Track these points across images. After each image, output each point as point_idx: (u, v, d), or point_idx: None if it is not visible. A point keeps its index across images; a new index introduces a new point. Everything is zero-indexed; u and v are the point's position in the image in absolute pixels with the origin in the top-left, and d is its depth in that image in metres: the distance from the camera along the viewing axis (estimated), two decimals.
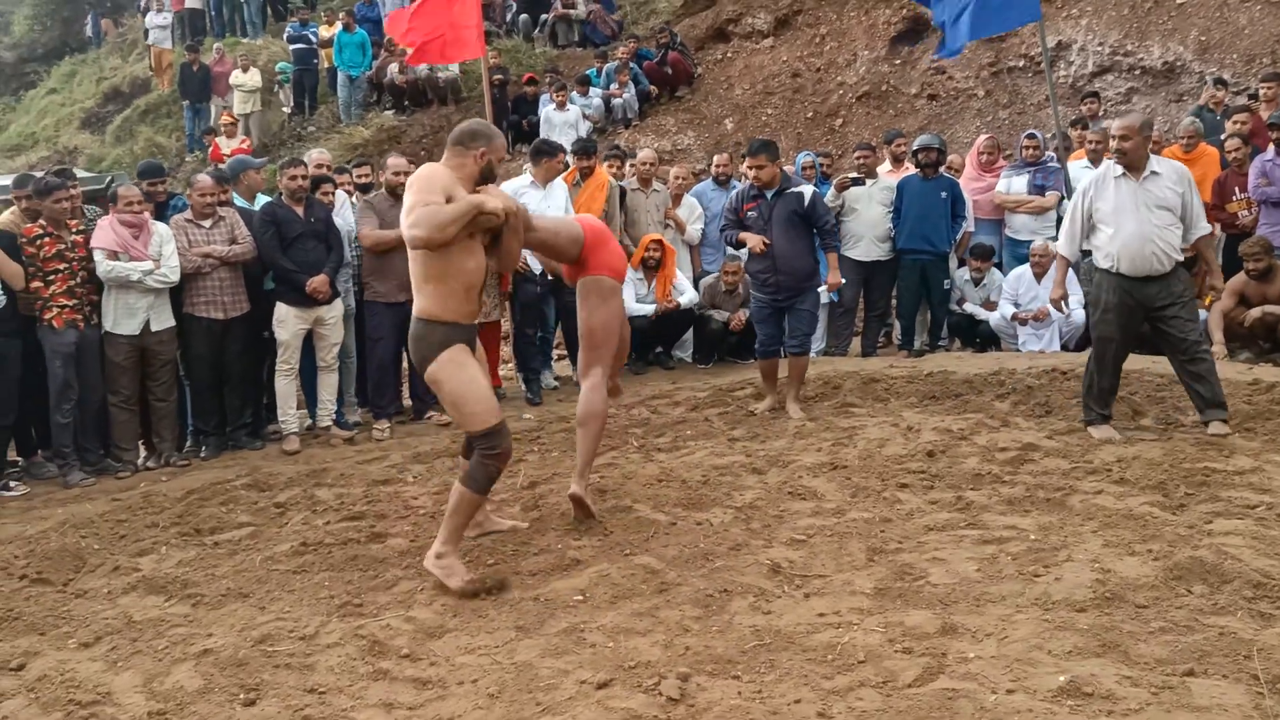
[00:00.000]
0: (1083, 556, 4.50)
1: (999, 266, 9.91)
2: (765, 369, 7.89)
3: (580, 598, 4.45)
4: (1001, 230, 10.11)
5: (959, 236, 9.78)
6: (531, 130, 15.30)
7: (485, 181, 4.85)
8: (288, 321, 7.64)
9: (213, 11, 22.24)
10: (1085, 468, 5.82)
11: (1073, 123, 11.31)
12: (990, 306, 9.60)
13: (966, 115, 14.95)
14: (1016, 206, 9.83)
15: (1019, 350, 9.30)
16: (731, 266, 9.31)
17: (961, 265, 9.90)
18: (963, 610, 4.06)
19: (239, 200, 8.15)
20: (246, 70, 18.20)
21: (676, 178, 10.03)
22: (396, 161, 8.09)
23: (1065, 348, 9.20)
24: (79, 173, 12.28)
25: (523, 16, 18.59)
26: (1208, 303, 8.25)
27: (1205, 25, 13.56)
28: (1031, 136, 9.99)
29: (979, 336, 9.77)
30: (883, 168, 10.38)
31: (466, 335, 4.81)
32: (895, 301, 9.99)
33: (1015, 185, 9.84)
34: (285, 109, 19.12)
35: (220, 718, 3.63)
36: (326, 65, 18.59)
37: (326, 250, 7.74)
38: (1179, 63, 13.57)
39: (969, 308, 9.72)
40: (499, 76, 15.33)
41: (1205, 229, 6.50)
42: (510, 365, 9.56)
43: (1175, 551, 4.44)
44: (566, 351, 9.87)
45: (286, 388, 7.79)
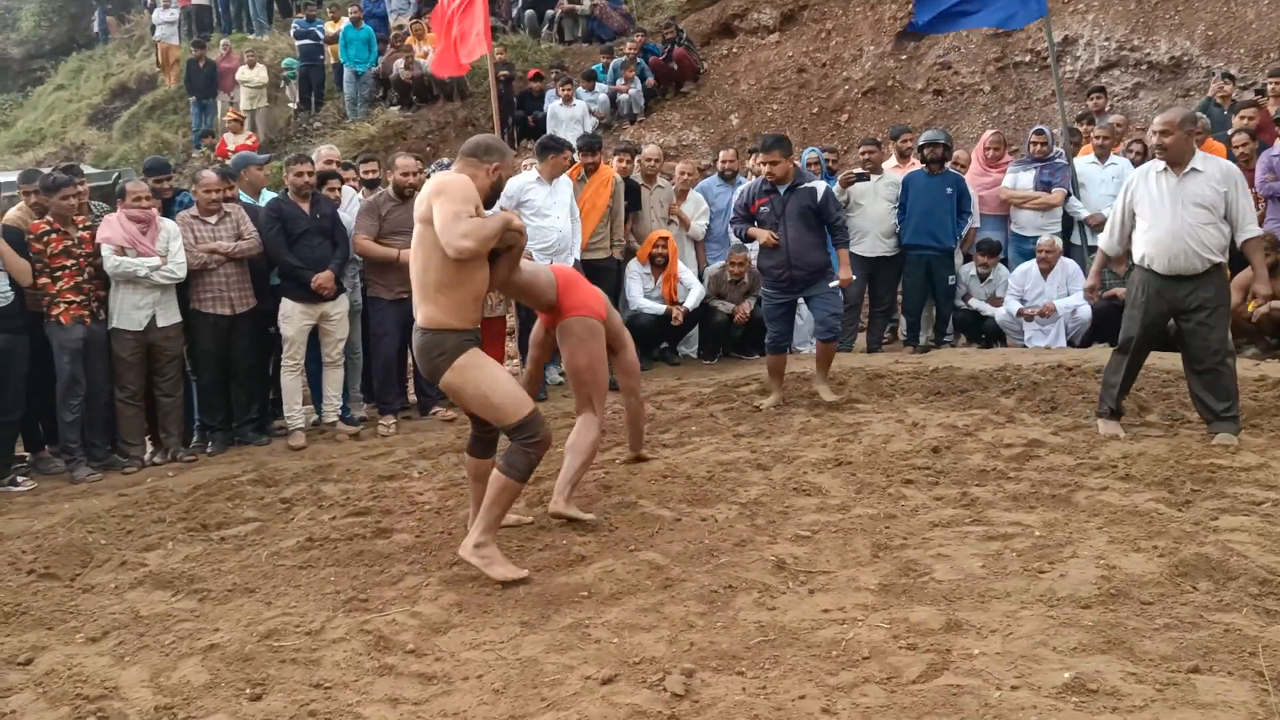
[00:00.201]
0: (1088, 553, 4.50)
1: (1004, 262, 9.89)
2: (773, 365, 7.85)
3: (585, 593, 4.45)
4: (1007, 226, 10.09)
5: (964, 232, 9.77)
6: (537, 126, 15.30)
7: (495, 196, 4.90)
8: (293, 317, 7.66)
9: (219, 7, 22.26)
10: (1091, 464, 5.81)
11: (1079, 118, 11.30)
12: (996, 302, 9.59)
13: (972, 110, 14.92)
14: (1023, 202, 9.80)
15: (1024, 346, 9.29)
16: (738, 257, 9.30)
17: (967, 261, 9.89)
18: (967, 606, 4.07)
19: (244, 196, 8.15)
20: (253, 66, 18.20)
21: (681, 173, 10.03)
22: (406, 162, 8.02)
23: (1071, 344, 9.19)
24: (86, 169, 12.35)
25: (528, 12, 18.57)
26: (1251, 308, 8.13)
27: (1212, 20, 13.54)
28: (1039, 132, 9.96)
29: (984, 332, 9.76)
30: (888, 163, 10.37)
31: (475, 339, 4.82)
32: (900, 297, 9.99)
33: (1022, 181, 9.81)
34: (291, 105, 19.13)
35: (227, 712, 3.65)
36: (332, 61, 18.60)
37: (332, 246, 7.74)
38: (1186, 57, 13.55)
39: (974, 303, 9.71)
40: (505, 72, 15.32)
41: (1254, 231, 6.21)
42: (515, 361, 9.56)
43: (1181, 548, 4.44)
44: None
45: (292, 383, 7.80)
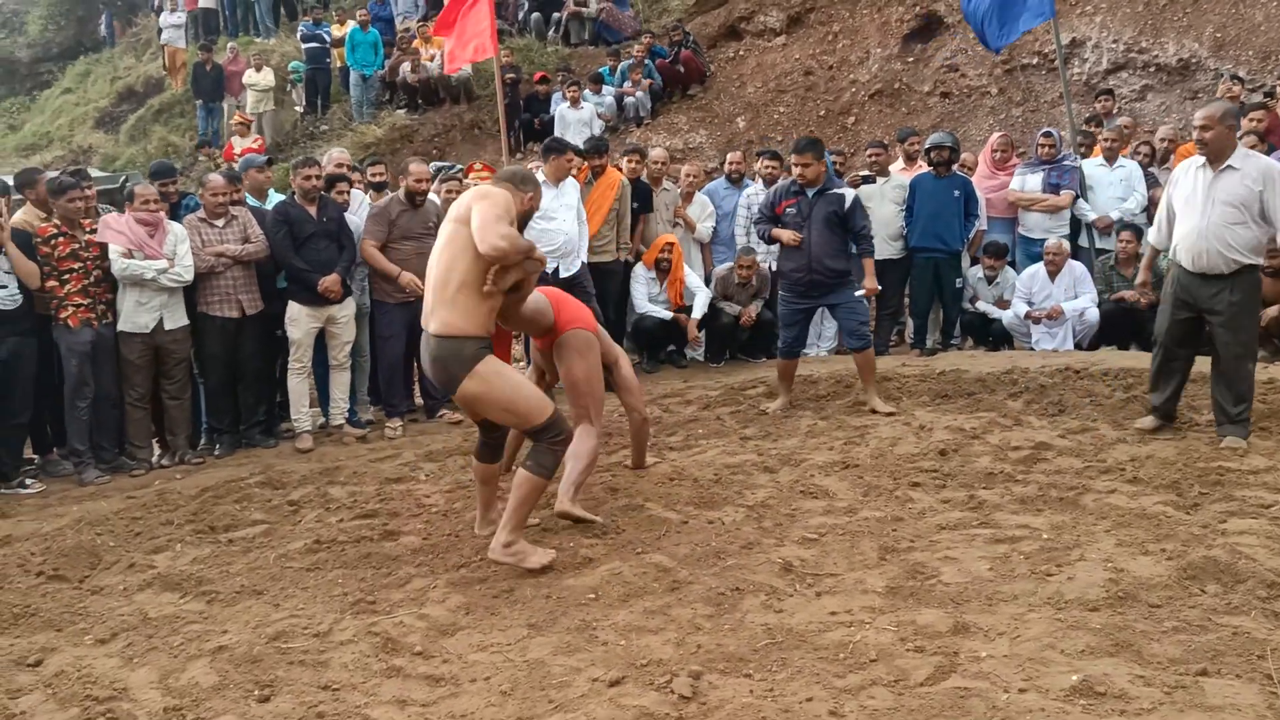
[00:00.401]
0: (1096, 556, 4.50)
1: (1012, 265, 9.88)
2: (784, 369, 7.83)
3: (592, 595, 4.46)
4: (1015, 229, 10.07)
5: (972, 235, 9.76)
6: (543, 129, 15.32)
7: (523, 225, 5.01)
8: (300, 320, 7.66)
9: (226, 11, 22.32)
10: (1098, 467, 5.81)
11: (1087, 120, 11.28)
12: (1003, 305, 9.57)
13: (980, 113, 14.92)
14: (1031, 205, 9.79)
15: (1032, 349, 9.26)
16: (745, 259, 9.26)
17: (974, 264, 9.87)
18: (975, 609, 4.06)
19: (250, 199, 8.16)
20: (259, 69, 18.23)
21: (688, 175, 10.01)
22: (420, 168, 8.03)
23: (1079, 347, 9.16)
24: (93, 172, 12.38)
25: (534, 15, 18.60)
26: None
27: (1220, 22, 13.51)
28: (1048, 135, 9.94)
29: (991, 335, 9.74)
30: (895, 166, 10.37)
31: (489, 346, 4.86)
32: (907, 300, 9.98)
33: (1030, 183, 9.78)
34: (298, 108, 19.16)
35: (236, 714, 3.65)
36: (339, 64, 18.64)
37: (339, 249, 7.74)
38: (1194, 59, 13.52)
39: (982, 306, 9.69)
40: (511, 75, 15.35)
41: None
42: (521, 364, 9.57)
43: (1189, 551, 4.44)
44: None
45: (299, 386, 7.81)
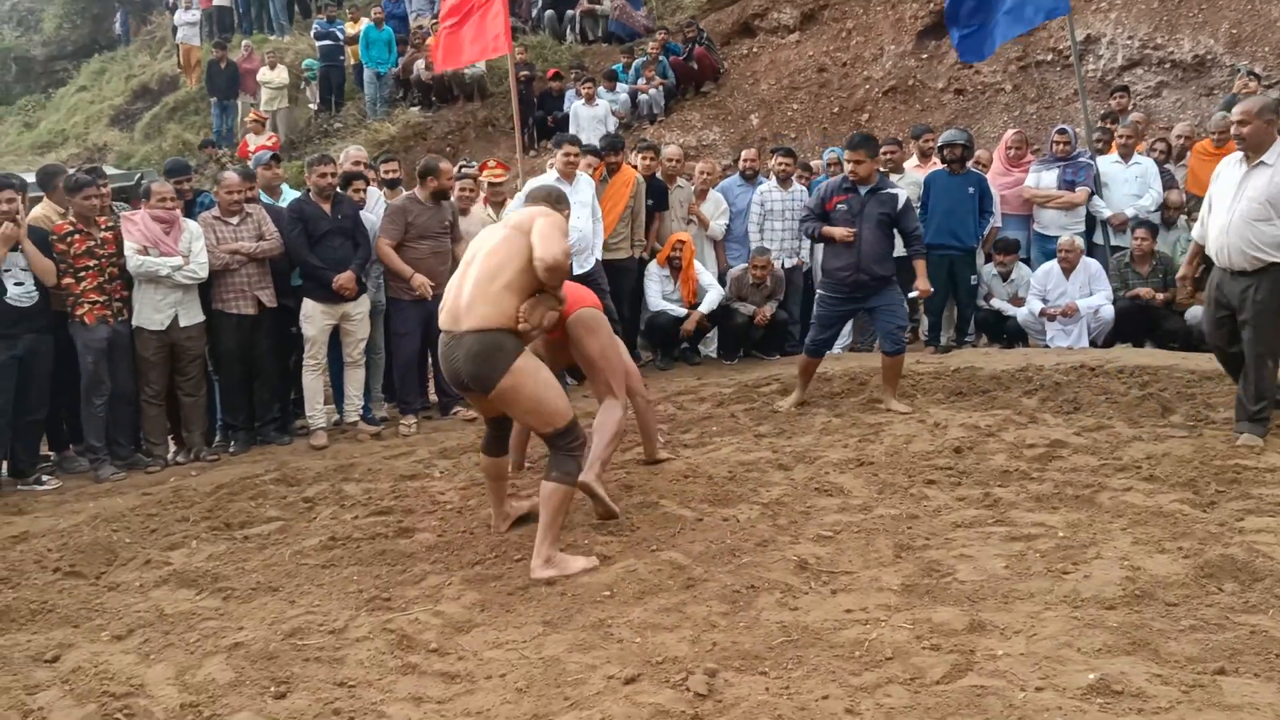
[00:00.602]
0: (1112, 554, 4.48)
1: (1026, 262, 9.85)
2: (806, 366, 7.74)
3: (607, 593, 4.45)
4: (1030, 226, 10.04)
5: (986, 232, 9.73)
6: (557, 126, 15.32)
7: None
8: (315, 317, 7.68)
9: (240, 9, 22.38)
10: (1114, 464, 5.78)
11: (1102, 116, 11.24)
12: (1018, 302, 9.55)
13: (994, 110, 14.87)
14: (1046, 201, 9.75)
15: (1047, 346, 9.24)
16: (760, 260, 9.24)
17: (989, 261, 9.84)
18: (991, 607, 4.05)
19: (263, 197, 8.18)
20: (274, 67, 18.27)
21: (701, 173, 10.01)
22: (448, 167, 8.09)
23: (1094, 344, 9.14)
24: (109, 169, 12.42)
25: (548, 12, 18.61)
26: None
27: (1236, 18, 13.45)
28: (1062, 131, 9.90)
29: (1006, 332, 9.71)
30: (910, 162, 10.34)
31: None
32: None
33: (1045, 180, 9.75)
34: (311, 106, 19.21)
35: (252, 710, 3.66)
36: (352, 62, 18.67)
37: (354, 247, 7.75)
38: (1209, 56, 13.46)
39: (996, 303, 9.66)
40: (525, 73, 15.35)
41: None
42: None
43: (1206, 549, 4.42)
44: None
45: (314, 383, 7.82)
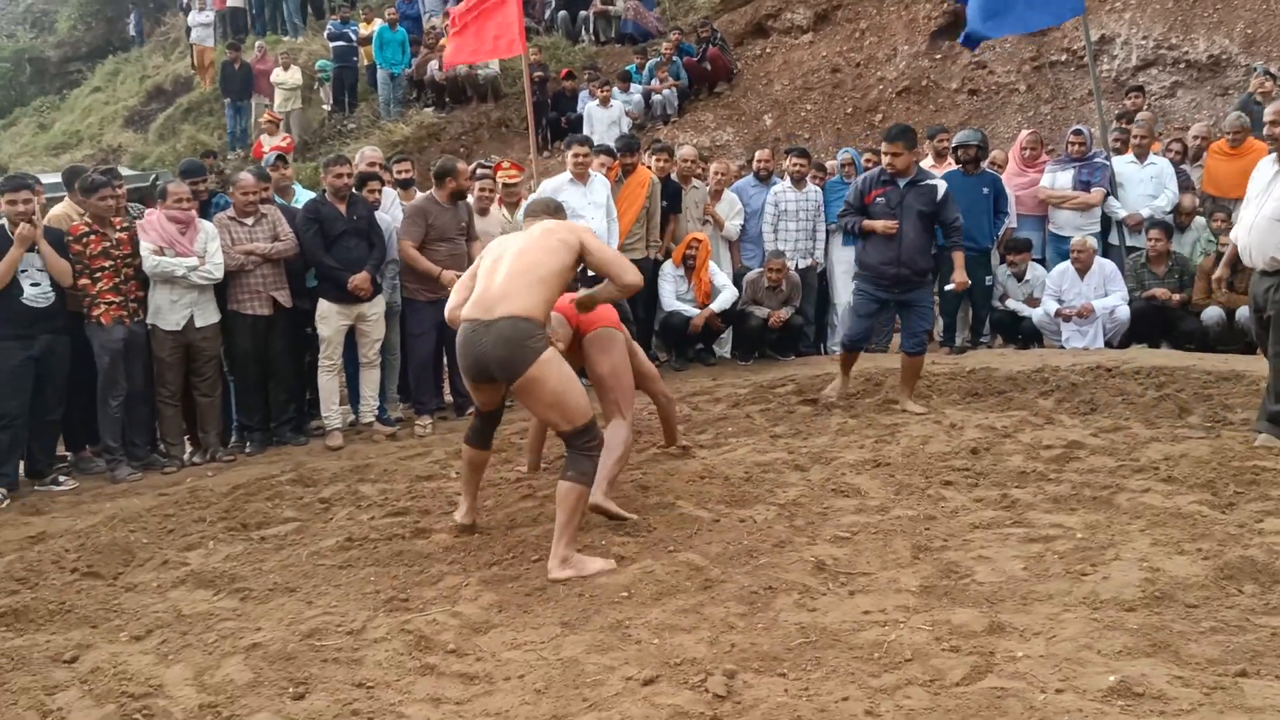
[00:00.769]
0: (1131, 555, 4.47)
1: (1042, 262, 9.82)
2: (847, 361, 7.75)
3: (625, 594, 4.45)
4: (1045, 226, 10.01)
5: (1001, 232, 9.70)
6: (571, 127, 15.32)
7: None
8: (330, 318, 7.69)
9: (254, 10, 22.43)
10: (1132, 466, 5.76)
11: (1117, 117, 11.20)
12: (1033, 303, 9.52)
13: (1008, 110, 14.84)
14: (1061, 202, 9.73)
15: (1062, 347, 9.22)
16: (775, 263, 9.23)
17: (1004, 261, 9.82)
18: (1010, 609, 4.04)
19: (276, 198, 8.18)
20: (287, 68, 18.32)
21: (716, 173, 9.99)
22: (465, 168, 8.13)
23: (1109, 345, 9.11)
24: (123, 170, 12.45)
25: (561, 13, 18.63)
26: None
27: (1251, 17, 13.41)
28: (1078, 132, 9.88)
29: (1021, 333, 9.69)
30: (925, 162, 10.30)
31: None
32: (937, 298, 9.93)
33: (1060, 180, 9.73)
34: (325, 106, 19.25)
35: (271, 711, 3.66)
36: (366, 63, 18.71)
37: (369, 248, 7.75)
38: (1224, 56, 13.43)
39: (1011, 304, 9.64)
40: (539, 74, 15.35)
41: None
42: None
43: (1225, 550, 4.40)
44: None
45: (329, 384, 7.83)
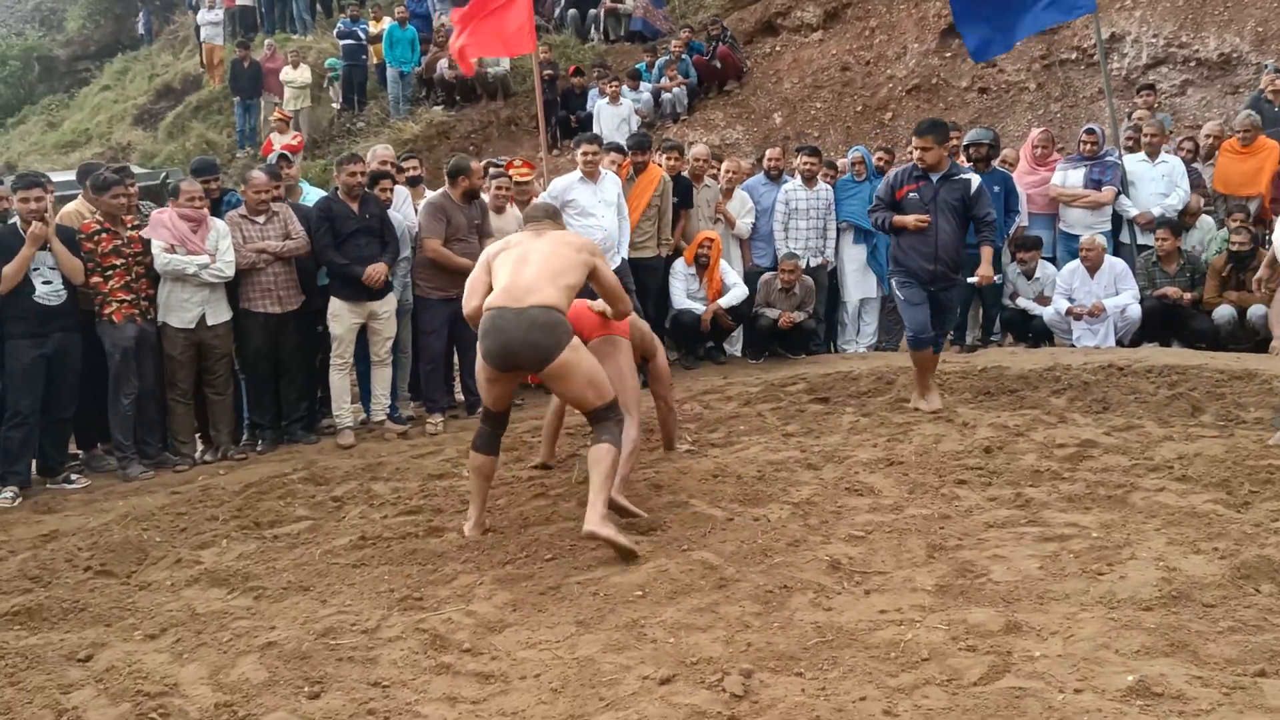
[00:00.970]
0: (1147, 554, 4.46)
1: (1052, 261, 9.80)
2: (922, 361, 7.28)
3: (639, 593, 4.45)
4: (1055, 225, 9.99)
5: (1011, 231, 9.67)
6: (580, 125, 15.31)
7: None
8: (341, 316, 7.68)
9: (263, 8, 22.40)
10: (1146, 465, 5.75)
11: (1129, 115, 11.17)
12: (1044, 301, 9.50)
13: (1018, 109, 14.81)
14: (1072, 200, 9.70)
15: (1073, 346, 9.19)
16: (789, 264, 9.20)
17: (1014, 259, 9.79)
18: (1026, 608, 4.03)
19: None
20: (297, 66, 18.31)
21: (728, 171, 9.97)
22: (478, 167, 8.07)
23: (1120, 343, 9.09)
24: (134, 169, 12.45)
25: (571, 11, 18.62)
26: None
27: (1262, 15, 13.36)
28: (1090, 131, 9.85)
29: (1032, 331, 9.67)
30: None
31: None
32: None
33: (1071, 179, 9.70)
34: (334, 105, 19.24)
35: (287, 710, 3.67)
36: (375, 61, 18.71)
37: (381, 246, 7.73)
38: (1235, 54, 13.38)
39: (1022, 303, 9.62)
40: (548, 72, 15.33)
41: None
42: None
43: (1242, 550, 4.39)
44: None
45: (341, 382, 7.83)
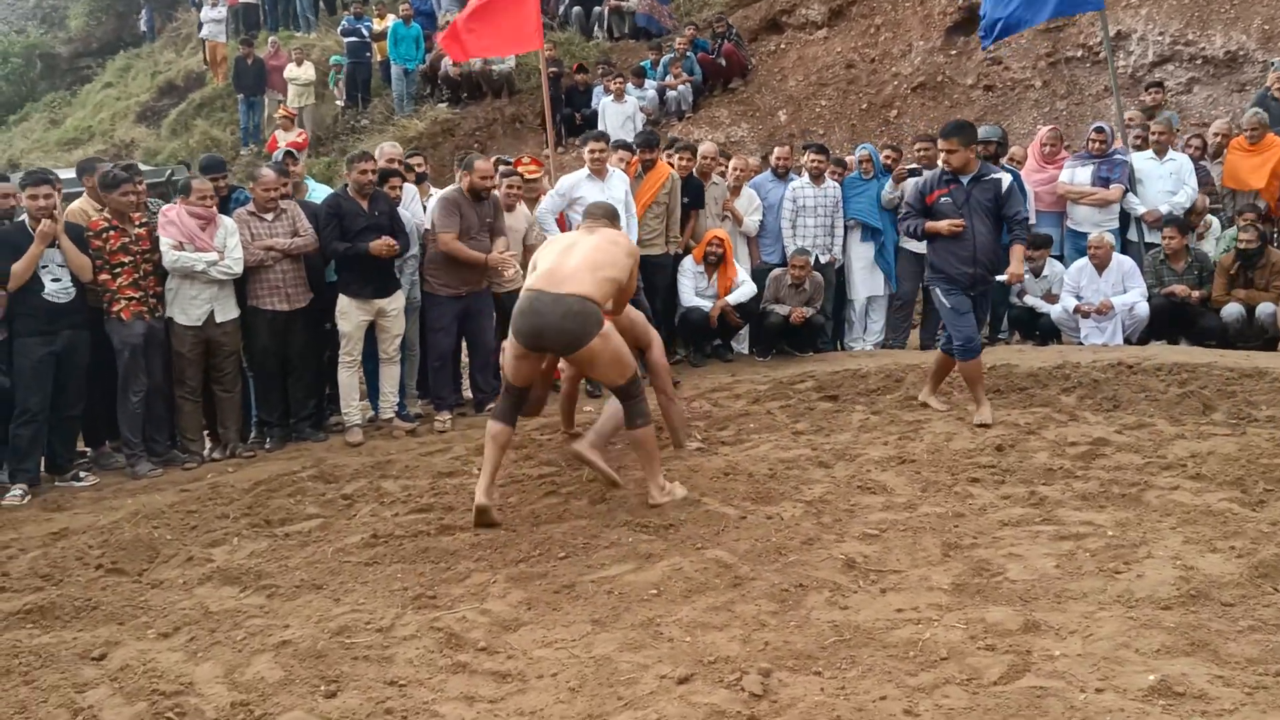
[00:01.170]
0: (1163, 553, 4.45)
1: (1060, 258, 9.78)
2: (971, 372, 7.00)
3: (654, 591, 4.44)
4: (1063, 222, 9.97)
5: None
6: (585, 123, 15.28)
7: None
8: (350, 313, 7.65)
9: (267, 5, 22.38)
10: (1159, 463, 5.74)
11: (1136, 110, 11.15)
12: (1052, 299, 9.48)
13: (1024, 106, 14.77)
14: (1080, 198, 9.68)
15: (1081, 344, 9.17)
16: (799, 260, 9.16)
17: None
18: (1044, 607, 4.02)
19: None
20: (300, 64, 18.31)
21: (735, 169, 9.94)
22: (486, 166, 7.99)
23: (1128, 341, 9.07)
24: (140, 166, 12.44)
25: (575, 9, 18.59)
26: None
27: (1269, 13, 13.33)
28: (1099, 130, 9.82)
29: (1039, 329, 9.64)
30: (941, 158, 10.25)
31: None
32: None
33: (1079, 177, 9.66)
34: (338, 102, 19.20)
35: (303, 709, 3.66)
36: (379, 58, 18.68)
37: None
38: (1241, 52, 13.35)
39: (1030, 300, 9.59)
40: (554, 69, 15.29)
41: None
42: None
43: (1259, 549, 4.39)
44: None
45: (349, 380, 7.81)
